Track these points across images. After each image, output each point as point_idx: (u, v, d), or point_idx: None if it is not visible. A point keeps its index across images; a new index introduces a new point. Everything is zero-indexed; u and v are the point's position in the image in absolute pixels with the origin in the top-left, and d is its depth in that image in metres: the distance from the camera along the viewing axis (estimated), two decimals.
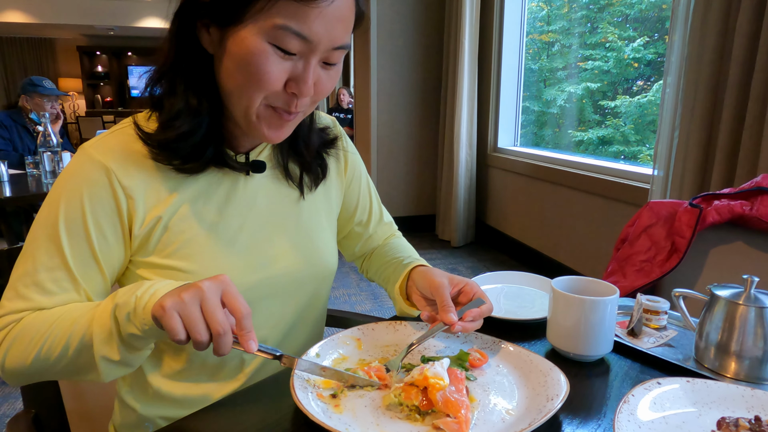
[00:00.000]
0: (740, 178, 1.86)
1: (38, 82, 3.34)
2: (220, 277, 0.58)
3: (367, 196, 0.99)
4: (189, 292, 0.56)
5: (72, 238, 0.68)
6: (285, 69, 0.65)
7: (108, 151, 0.70)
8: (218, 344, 0.56)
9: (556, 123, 4.00)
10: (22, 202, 2.47)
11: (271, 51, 0.63)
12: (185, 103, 0.70)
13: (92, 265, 0.69)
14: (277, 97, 0.67)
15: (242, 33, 0.63)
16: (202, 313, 0.56)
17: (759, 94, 1.79)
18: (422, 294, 0.82)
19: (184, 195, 0.73)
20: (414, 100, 4.39)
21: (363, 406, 0.63)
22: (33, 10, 8.88)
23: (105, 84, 11.72)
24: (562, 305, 0.75)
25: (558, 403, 0.60)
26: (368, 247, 1.02)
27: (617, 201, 2.73)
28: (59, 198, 0.68)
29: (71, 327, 0.63)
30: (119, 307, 0.60)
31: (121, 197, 0.69)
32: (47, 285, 0.67)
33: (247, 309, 0.58)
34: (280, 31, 0.62)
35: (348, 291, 3.20)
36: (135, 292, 0.60)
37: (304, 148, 0.83)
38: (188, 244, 0.73)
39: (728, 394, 0.63)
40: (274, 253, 0.80)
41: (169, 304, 0.55)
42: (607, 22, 3.44)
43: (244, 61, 0.64)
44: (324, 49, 0.65)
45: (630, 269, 1.27)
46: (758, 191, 1.16)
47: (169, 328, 0.55)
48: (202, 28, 0.68)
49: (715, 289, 0.75)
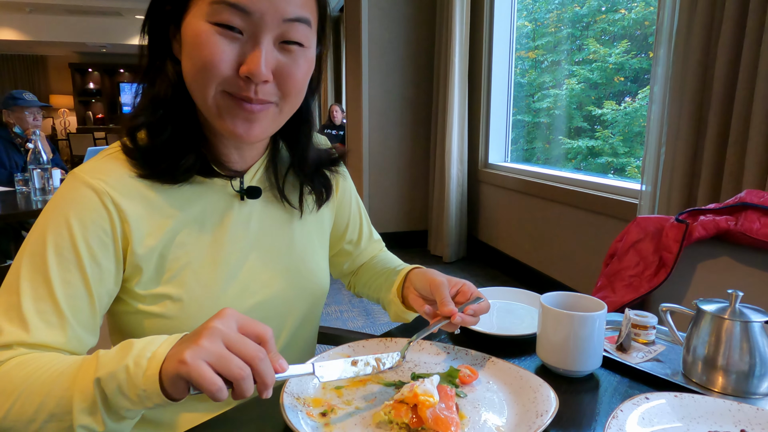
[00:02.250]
0: (726, 193, 1.89)
1: (18, 95, 3.33)
2: (225, 311, 0.54)
3: (357, 215, 1.00)
4: (205, 336, 0.50)
5: (61, 266, 0.63)
6: (233, 50, 0.62)
7: (101, 174, 0.67)
8: (263, 373, 0.51)
9: (545, 134, 4.04)
10: (11, 219, 2.45)
11: (214, 31, 0.61)
12: (150, 99, 0.69)
13: (82, 294, 0.64)
14: (232, 83, 0.64)
15: (189, 21, 0.63)
16: (230, 349, 0.50)
17: (742, 111, 1.83)
18: (420, 294, 0.82)
19: (180, 221, 0.71)
20: (405, 117, 4.42)
21: (353, 425, 0.62)
22: (25, 28, 8.91)
23: (97, 101, 11.71)
24: (551, 321, 0.75)
25: (548, 419, 0.60)
26: (356, 264, 1.03)
27: (607, 216, 2.76)
28: (47, 224, 0.64)
29: (48, 389, 0.55)
30: (104, 380, 0.53)
31: (116, 220, 0.66)
32: (30, 318, 0.61)
33: (269, 330, 0.54)
34: (216, 5, 0.61)
35: (340, 308, 3.19)
36: (124, 362, 0.52)
37: (299, 166, 0.81)
38: (182, 272, 0.71)
39: (715, 409, 0.64)
40: (267, 277, 0.79)
41: (189, 356, 0.49)
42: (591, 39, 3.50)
43: (192, 47, 0.63)
44: (272, 22, 0.62)
45: (619, 284, 1.28)
46: (742, 206, 1.18)
47: (201, 380, 0.48)
48: (173, 39, 0.68)
49: (701, 303, 0.76)
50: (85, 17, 8.97)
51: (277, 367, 0.53)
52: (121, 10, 8.59)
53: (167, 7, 0.66)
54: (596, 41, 3.47)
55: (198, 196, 0.73)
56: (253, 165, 0.79)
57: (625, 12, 3.26)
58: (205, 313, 0.72)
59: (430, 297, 0.79)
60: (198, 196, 0.73)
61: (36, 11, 8.61)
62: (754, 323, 0.70)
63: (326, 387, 0.71)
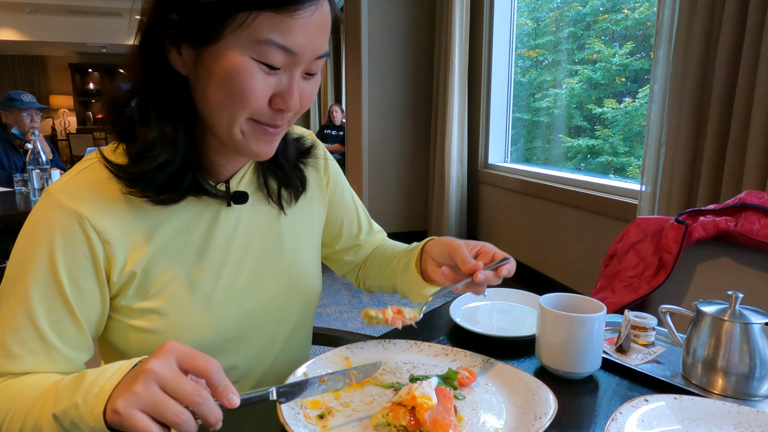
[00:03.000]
0: (725, 194, 1.89)
1: (16, 96, 3.32)
2: (165, 346, 0.51)
3: (353, 207, 0.97)
4: (139, 381, 0.48)
5: (41, 293, 0.62)
6: (269, 85, 0.62)
7: (77, 194, 0.64)
8: (204, 414, 0.49)
9: (545, 134, 4.04)
10: (10, 220, 2.45)
11: (256, 67, 0.60)
12: (160, 132, 0.64)
13: (66, 318, 0.64)
14: (262, 113, 0.64)
15: (222, 51, 0.60)
16: (167, 393, 0.48)
17: (741, 111, 1.82)
18: (439, 263, 0.80)
19: (165, 233, 0.69)
20: (405, 117, 4.42)
21: (351, 427, 0.62)
22: (25, 28, 8.91)
23: (96, 101, 11.70)
24: (550, 322, 0.75)
25: (546, 422, 0.60)
26: (360, 257, 1.00)
27: (606, 216, 2.75)
28: (26, 250, 0.63)
29: (25, 414, 0.57)
30: (60, 416, 0.53)
31: (97, 244, 0.64)
32: (12, 348, 0.61)
33: (213, 363, 0.50)
34: (265, 45, 0.59)
35: (339, 308, 3.18)
36: (74, 399, 0.51)
37: (283, 161, 0.80)
38: (169, 284, 0.69)
39: (715, 411, 0.63)
40: (259, 283, 0.78)
41: (122, 406, 0.47)
42: (593, 38, 3.50)
43: (227, 79, 0.60)
44: (307, 60, 0.63)
45: (618, 285, 1.28)
46: (742, 207, 1.18)
47: (135, 430, 0.47)
48: (171, 48, 0.63)
49: (701, 305, 0.75)
50: (85, 17, 8.97)
51: (226, 402, 0.50)
52: (122, 11, 8.59)
53: (172, 16, 0.61)
54: (599, 41, 3.47)
55: (182, 205, 0.70)
56: (240, 169, 0.77)
57: (627, 12, 3.26)
58: (193, 326, 0.71)
59: (451, 263, 0.77)
60: (183, 206, 0.71)
61: (36, 11, 8.61)
62: (754, 325, 0.70)
63: None
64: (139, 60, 0.64)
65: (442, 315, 0.98)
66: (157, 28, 0.62)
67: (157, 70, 0.64)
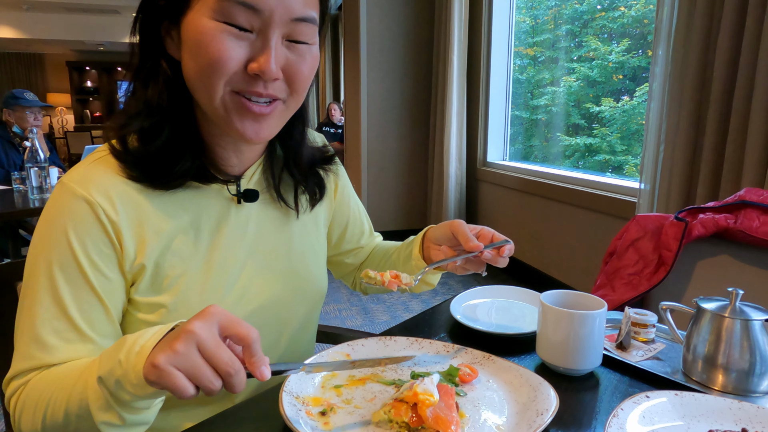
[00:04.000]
0: (725, 191, 1.89)
1: (19, 95, 3.32)
2: (209, 309, 0.52)
3: (357, 212, 0.99)
4: (181, 340, 0.49)
5: (69, 282, 0.63)
6: (242, 47, 0.61)
7: (90, 184, 0.65)
8: (232, 385, 0.50)
9: (543, 132, 4.04)
10: (9, 218, 2.45)
11: (222, 28, 0.60)
12: (144, 103, 0.66)
13: (96, 305, 0.64)
14: (241, 80, 0.63)
15: (193, 18, 0.61)
16: (204, 357, 0.49)
17: (741, 109, 1.83)
18: (440, 244, 0.83)
19: (175, 227, 0.69)
20: (404, 115, 4.42)
21: (352, 423, 0.62)
22: (22, 26, 8.88)
23: (94, 99, 11.68)
24: (551, 319, 0.75)
25: (548, 418, 0.60)
26: (358, 261, 1.02)
27: (605, 214, 2.76)
28: (45, 242, 0.63)
29: (68, 393, 0.57)
30: (105, 378, 0.53)
31: (111, 231, 0.65)
32: (49, 339, 0.62)
33: (254, 332, 0.52)
34: (224, 3, 0.59)
35: (339, 306, 3.19)
36: (117, 356, 0.53)
37: (293, 164, 0.80)
38: (179, 279, 0.70)
39: (716, 407, 0.63)
40: (266, 281, 0.78)
41: (162, 361, 0.48)
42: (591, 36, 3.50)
43: (197, 45, 0.61)
44: (281, 20, 0.62)
45: (618, 282, 1.28)
46: (741, 204, 1.18)
47: (172, 388, 0.48)
48: (166, 36, 0.66)
49: (701, 302, 0.76)
50: (82, 15, 8.94)
51: (258, 374, 0.51)
52: (119, 8, 8.56)
53: (161, 1, 0.64)
54: (596, 39, 3.47)
55: (193, 201, 0.71)
56: (251, 167, 0.77)
57: (624, 9, 3.26)
58: None
59: (452, 242, 0.79)
60: (193, 202, 0.71)
61: (33, 9, 8.59)
62: (754, 321, 0.70)
63: (325, 386, 0.70)
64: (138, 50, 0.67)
65: (442, 312, 0.99)
66: (151, 19, 0.65)
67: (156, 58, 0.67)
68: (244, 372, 0.51)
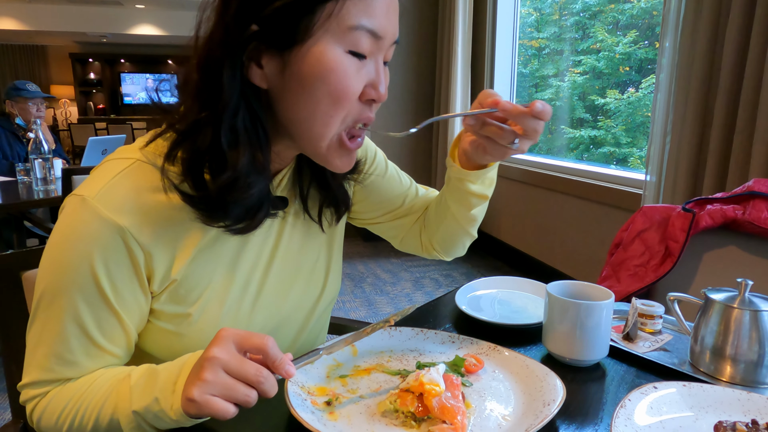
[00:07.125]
0: (732, 182, 1.88)
1: (22, 86, 3.32)
2: (221, 333, 0.54)
3: (397, 179, 0.96)
4: (206, 369, 0.52)
5: (89, 305, 0.61)
6: (361, 76, 0.59)
7: (118, 205, 0.59)
8: (265, 391, 0.53)
9: (547, 124, 4.01)
10: (13, 209, 2.45)
11: (350, 59, 0.57)
12: (251, 158, 0.60)
13: (117, 327, 0.63)
14: (356, 110, 0.61)
15: (311, 48, 0.56)
16: (233, 376, 0.52)
17: (749, 100, 1.81)
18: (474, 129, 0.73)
19: (205, 238, 0.66)
20: (408, 107, 4.40)
21: (358, 413, 0.62)
22: (25, 17, 8.86)
23: (97, 91, 11.67)
24: (558, 310, 0.74)
25: (554, 409, 0.59)
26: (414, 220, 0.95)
27: (611, 206, 2.74)
28: (66, 265, 0.60)
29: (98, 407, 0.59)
30: (141, 412, 0.57)
31: (139, 255, 0.61)
32: (68, 356, 0.62)
33: (269, 340, 0.54)
34: (356, 32, 0.56)
35: (342, 298, 3.19)
36: (153, 394, 0.56)
37: (330, 178, 0.76)
38: (204, 292, 0.68)
39: (724, 398, 0.63)
40: (284, 288, 0.77)
41: (196, 394, 0.51)
42: (598, 27, 3.47)
43: (321, 78, 0.57)
44: (388, 44, 0.61)
45: (624, 274, 1.27)
46: (750, 195, 1.17)
47: (214, 414, 0.52)
48: (250, 63, 0.59)
49: (710, 292, 0.75)
50: (85, 6, 8.91)
51: (284, 374, 0.54)
52: (122, 0, 8.53)
53: (252, 27, 0.56)
54: (603, 30, 3.43)
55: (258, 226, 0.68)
56: (280, 172, 0.73)
57: (635, 1, 3.22)
58: None
59: None
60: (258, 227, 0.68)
61: (36, 0, 8.57)
62: (763, 312, 0.69)
63: (331, 376, 0.70)
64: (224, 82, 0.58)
65: (447, 303, 0.98)
66: (235, 44, 0.57)
67: (240, 89, 0.59)
68: (273, 376, 0.54)
